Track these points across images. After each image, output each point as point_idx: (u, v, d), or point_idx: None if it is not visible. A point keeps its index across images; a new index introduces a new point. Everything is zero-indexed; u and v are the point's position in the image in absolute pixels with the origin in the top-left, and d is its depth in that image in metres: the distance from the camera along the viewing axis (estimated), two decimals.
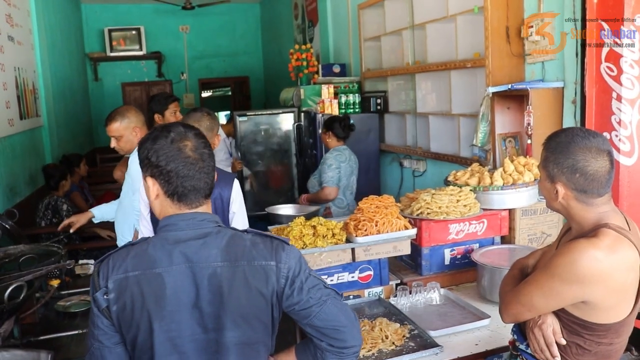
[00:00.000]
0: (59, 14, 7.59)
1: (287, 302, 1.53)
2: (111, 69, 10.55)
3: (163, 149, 1.48)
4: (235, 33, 11.25)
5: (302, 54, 6.33)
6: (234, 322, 1.48)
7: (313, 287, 1.54)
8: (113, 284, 1.45)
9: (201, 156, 1.51)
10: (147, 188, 1.54)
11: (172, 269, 1.45)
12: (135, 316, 1.45)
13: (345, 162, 4.28)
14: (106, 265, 1.47)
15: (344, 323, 1.56)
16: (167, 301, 1.45)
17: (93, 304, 1.48)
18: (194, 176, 1.49)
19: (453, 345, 2.30)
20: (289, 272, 1.52)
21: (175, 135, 1.50)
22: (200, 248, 1.48)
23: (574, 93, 3.13)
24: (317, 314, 1.53)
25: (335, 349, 1.56)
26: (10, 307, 2.20)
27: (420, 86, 4.76)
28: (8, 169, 4.59)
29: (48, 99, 6.20)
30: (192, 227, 1.50)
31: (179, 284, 1.45)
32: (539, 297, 1.66)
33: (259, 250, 1.52)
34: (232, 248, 1.50)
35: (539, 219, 3.08)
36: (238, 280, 1.47)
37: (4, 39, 4.69)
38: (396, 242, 2.72)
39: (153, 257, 1.47)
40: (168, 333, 1.45)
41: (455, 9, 4.02)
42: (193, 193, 1.51)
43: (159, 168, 1.48)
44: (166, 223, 1.51)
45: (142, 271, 1.45)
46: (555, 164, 1.66)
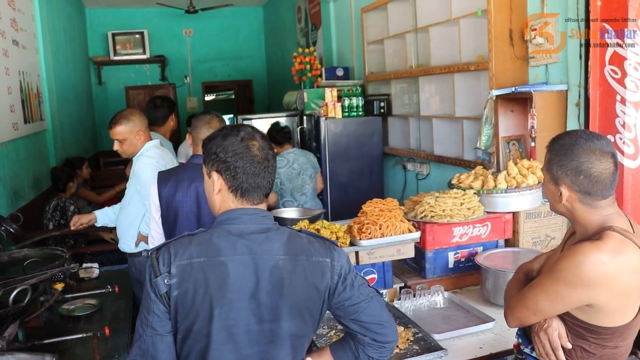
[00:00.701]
0: (63, 18, 7.63)
1: (338, 298, 1.60)
2: (115, 73, 10.58)
3: (233, 145, 1.56)
4: (238, 36, 11.27)
5: (306, 58, 6.34)
6: (290, 314, 1.54)
7: (361, 285, 1.64)
8: (176, 269, 1.48)
9: (267, 156, 1.60)
10: (211, 183, 1.60)
11: (235, 258, 1.51)
12: (197, 302, 1.48)
13: (285, 166, 4.55)
14: (167, 252, 1.50)
15: (386, 319, 1.66)
16: (229, 289, 1.49)
17: (150, 290, 1.49)
18: (259, 174, 1.58)
19: (457, 348, 2.29)
20: (341, 269, 1.60)
21: (245, 134, 1.59)
22: (263, 241, 1.54)
23: (577, 96, 3.13)
24: (365, 309, 1.62)
25: (377, 344, 1.65)
26: (14, 311, 2.20)
27: (424, 89, 4.76)
28: (12, 172, 4.60)
29: (52, 103, 6.22)
30: (255, 222, 1.57)
31: (241, 274, 1.50)
32: (545, 301, 1.65)
33: (316, 247, 1.60)
34: (293, 243, 1.57)
35: (543, 222, 3.07)
36: (298, 273, 1.54)
37: (8, 43, 4.71)
38: (400, 246, 2.72)
39: (218, 245, 1.51)
40: (226, 321, 1.50)
41: (459, 12, 4.02)
42: (256, 190, 1.58)
43: (226, 163, 1.56)
44: (229, 216, 1.58)
45: (207, 258, 1.50)
46: (559, 166, 1.65)
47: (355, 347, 1.68)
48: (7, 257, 2.96)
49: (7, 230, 3.57)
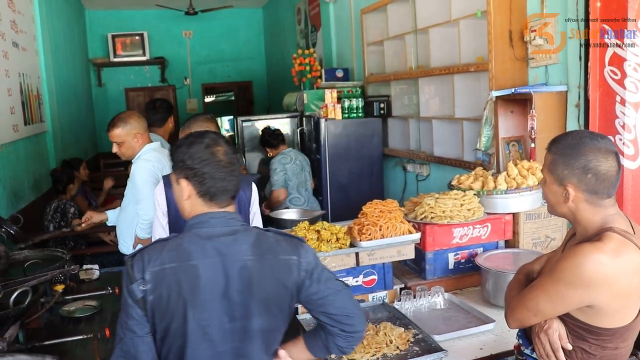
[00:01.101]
0: (63, 20, 7.63)
1: (305, 293, 1.68)
2: (115, 75, 10.59)
3: (198, 152, 1.64)
4: (238, 38, 11.28)
5: (305, 59, 6.35)
6: (260, 310, 1.62)
7: (328, 280, 1.71)
8: (150, 275, 1.55)
9: (231, 160, 1.68)
10: (180, 189, 1.68)
11: (206, 261, 1.58)
12: (171, 305, 1.56)
13: (290, 162, 4.68)
14: (141, 259, 1.57)
15: (354, 310, 1.72)
16: (201, 290, 1.57)
17: (128, 296, 1.57)
18: (225, 178, 1.65)
19: (457, 349, 2.29)
20: (308, 265, 1.68)
21: (209, 141, 1.67)
22: (231, 243, 1.61)
23: (577, 97, 3.13)
24: (332, 302, 1.69)
25: (345, 334, 1.72)
26: (15, 312, 2.21)
27: (423, 90, 4.77)
28: (12, 174, 4.60)
29: (52, 104, 6.23)
30: (223, 225, 1.64)
31: (212, 275, 1.58)
32: (545, 302, 1.65)
33: (283, 246, 1.68)
34: (260, 244, 1.65)
35: (543, 223, 3.07)
36: (266, 272, 1.63)
37: (8, 45, 4.72)
38: (400, 247, 2.72)
39: (188, 250, 1.59)
40: (200, 321, 1.58)
41: (458, 13, 4.02)
42: (223, 194, 1.66)
43: (193, 170, 1.63)
44: (198, 220, 1.65)
45: (179, 263, 1.57)
46: (565, 166, 1.64)
47: (325, 337, 1.75)
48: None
49: (7, 231, 3.57)
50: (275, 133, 4.94)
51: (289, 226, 3.34)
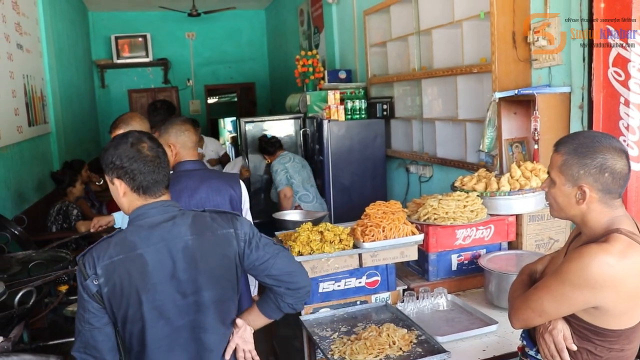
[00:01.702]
0: (67, 22, 7.65)
1: (248, 260, 1.85)
2: (118, 76, 10.61)
3: (125, 152, 1.76)
4: (241, 39, 11.29)
5: (308, 60, 6.35)
6: (208, 283, 1.78)
7: (266, 245, 1.88)
8: (101, 270, 1.68)
9: (157, 154, 1.80)
10: (115, 188, 1.80)
11: (150, 248, 1.72)
12: (125, 293, 1.69)
13: (289, 162, 4.92)
14: (90, 257, 1.70)
15: (294, 269, 1.90)
16: (150, 275, 1.71)
17: (83, 291, 1.69)
18: (154, 171, 1.77)
19: (461, 351, 2.29)
20: (245, 236, 1.85)
21: (133, 139, 1.79)
22: (171, 227, 1.76)
23: (581, 98, 3.13)
24: (274, 264, 1.86)
25: (291, 291, 1.89)
26: (20, 312, 2.22)
27: (427, 92, 4.77)
28: (17, 175, 4.62)
29: (56, 106, 6.24)
30: (161, 213, 1.78)
31: (158, 260, 1.72)
32: (550, 303, 1.65)
33: (219, 222, 1.83)
34: (197, 224, 1.80)
35: (547, 225, 3.07)
36: (206, 248, 1.78)
37: (13, 47, 4.74)
38: (403, 248, 2.72)
39: (133, 241, 1.72)
40: (154, 303, 1.72)
41: (461, 15, 4.03)
42: (155, 185, 1.78)
43: (123, 169, 1.75)
44: (138, 213, 1.78)
45: (126, 254, 1.70)
46: (580, 165, 1.62)
47: (275, 298, 1.91)
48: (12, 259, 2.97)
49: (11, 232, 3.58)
50: (272, 140, 5.15)
51: (292, 227, 3.35)
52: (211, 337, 1.82)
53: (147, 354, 1.75)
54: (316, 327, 2.55)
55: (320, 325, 2.57)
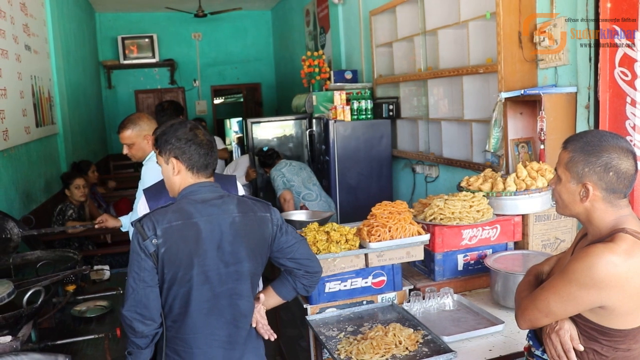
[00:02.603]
0: (74, 23, 7.69)
1: (277, 242, 2.08)
2: (124, 77, 10.66)
3: (185, 134, 1.99)
4: (247, 40, 11.32)
5: (314, 61, 6.36)
6: (248, 256, 1.99)
7: (292, 232, 2.13)
8: (161, 231, 1.86)
9: (210, 139, 2.06)
10: (170, 167, 2.01)
11: (204, 219, 1.92)
12: (180, 255, 1.88)
13: (285, 166, 5.03)
14: (150, 221, 1.88)
15: (312, 255, 2.17)
16: (203, 242, 1.91)
17: (140, 251, 1.86)
18: (208, 153, 2.02)
19: (467, 350, 2.30)
20: (277, 221, 2.08)
21: (191, 125, 2.04)
22: (221, 204, 1.98)
23: (587, 98, 3.12)
24: (298, 249, 2.11)
25: (309, 275, 2.14)
26: (28, 312, 2.23)
27: (432, 92, 4.76)
28: (24, 175, 4.65)
29: (63, 106, 6.28)
30: (211, 192, 2.00)
31: (210, 230, 1.92)
32: (556, 303, 1.65)
33: (258, 206, 2.07)
34: (242, 204, 2.03)
35: (553, 225, 3.07)
36: (250, 225, 2.00)
37: (21, 48, 4.77)
38: (409, 248, 2.73)
39: (189, 211, 1.92)
40: (203, 267, 1.91)
41: (467, 15, 4.02)
42: (207, 167, 2.02)
43: (181, 149, 1.98)
44: (191, 190, 1.99)
45: (183, 221, 1.90)
46: (586, 163, 1.63)
47: (292, 280, 2.15)
48: (20, 259, 2.99)
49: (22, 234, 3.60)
50: (269, 153, 5.33)
51: (298, 227, 3.35)
52: (246, 303, 2.02)
53: (189, 315, 1.92)
54: (322, 327, 2.56)
55: (327, 325, 2.58)
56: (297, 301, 2.87)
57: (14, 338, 2.17)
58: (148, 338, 1.92)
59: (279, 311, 3.79)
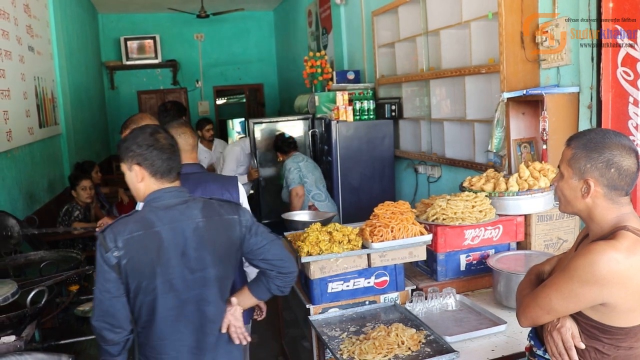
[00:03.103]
0: (77, 24, 7.71)
1: (247, 244, 2.05)
2: (127, 77, 10.68)
3: (145, 140, 1.95)
4: (249, 41, 11.33)
5: (317, 61, 6.36)
6: (214, 262, 1.98)
7: (263, 232, 2.09)
8: (122, 243, 1.85)
9: (172, 143, 2.01)
10: (133, 175, 1.97)
11: (165, 227, 1.91)
12: (142, 265, 1.87)
13: (302, 161, 4.94)
14: (111, 232, 1.87)
15: (286, 256, 2.10)
16: (165, 251, 1.89)
17: (103, 263, 1.86)
18: (170, 157, 1.97)
19: (469, 350, 2.30)
20: (247, 222, 2.06)
21: (151, 130, 1.99)
22: (185, 210, 1.96)
23: (589, 98, 3.12)
24: (269, 250, 2.06)
25: (282, 275, 2.09)
26: (32, 312, 2.24)
27: (435, 92, 4.77)
28: (28, 176, 4.66)
29: (66, 107, 6.29)
30: (175, 197, 1.97)
31: (172, 237, 1.91)
32: (558, 300, 1.66)
33: (225, 209, 2.04)
34: (207, 208, 2.00)
35: (555, 225, 3.07)
36: (214, 229, 1.98)
37: (24, 49, 4.78)
38: (412, 248, 2.73)
39: (151, 220, 1.91)
40: (166, 276, 1.90)
41: (469, 15, 4.02)
42: (171, 171, 1.98)
43: (143, 155, 1.94)
44: (154, 196, 1.96)
45: (144, 231, 1.88)
46: (588, 159, 1.65)
47: (266, 281, 2.11)
48: (23, 259, 3.01)
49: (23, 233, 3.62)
50: (289, 140, 5.16)
51: (300, 228, 3.36)
52: (213, 309, 2.01)
53: (155, 323, 1.93)
54: (325, 327, 2.56)
55: (329, 325, 2.58)
56: (299, 301, 2.88)
57: (18, 338, 2.18)
58: (120, 345, 1.95)
59: (281, 312, 3.80)
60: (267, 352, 4.10)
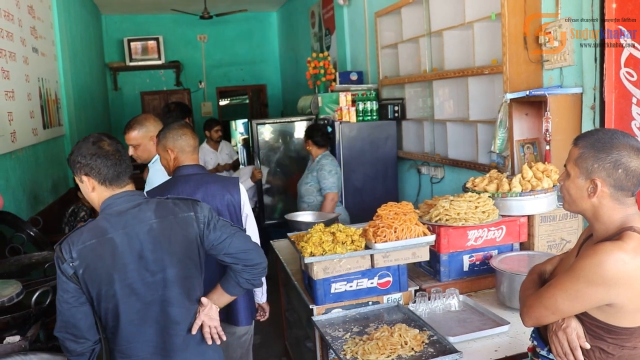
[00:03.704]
0: (80, 25, 7.73)
1: (207, 240, 2.05)
2: (130, 79, 10.70)
3: (88, 150, 1.95)
4: (252, 42, 11.35)
5: (320, 62, 6.37)
6: (172, 262, 1.98)
7: (223, 226, 2.08)
8: (76, 253, 1.87)
9: (117, 148, 1.99)
10: (85, 186, 1.99)
11: (119, 232, 1.92)
12: (99, 272, 1.89)
13: (339, 166, 4.80)
14: (67, 244, 1.89)
15: (250, 247, 2.10)
16: (120, 256, 1.91)
17: (61, 274, 1.88)
18: (116, 163, 1.96)
19: (472, 351, 2.30)
20: (204, 218, 2.05)
21: (93, 139, 1.98)
22: (137, 213, 1.97)
23: (592, 99, 3.12)
24: (231, 243, 2.06)
25: (248, 268, 2.08)
26: (36, 312, 2.25)
27: (438, 93, 4.77)
28: (32, 177, 4.68)
29: (70, 108, 6.31)
30: (127, 201, 1.98)
31: (126, 242, 1.92)
32: (564, 300, 1.66)
33: (180, 207, 2.04)
34: (161, 209, 2.01)
35: (558, 225, 3.07)
36: (169, 229, 1.98)
37: (28, 50, 4.80)
38: (415, 249, 2.74)
39: (103, 227, 1.92)
40: (125, 281, 1.92)
41: (473, 16, 4.03)
42: (119, 176, 1.97)
43: (89, 165, 1.94)
44: (107, 203, 1.97)
45: (97, 239, 1.90)
46: (595, 159, 1.65)
47: (234, 275, 2.11)
48: (28, 259, 3.02)
49: (27, 233, 3.63)
50: (328, 135, 4.92)
51: (303, 228, 3.37)
52: (177, 310, 2.00)
53: (121, 327, 1.94)
54: (328, 328, 2.57)
55: (333, 326, 2.59)
56: (303, 302, 2.88)
57: (23, 338, 2.18)
58: (84, 356, 1.96)
59: (284, 312, 3.81)
60: (270, 353, 4.11)
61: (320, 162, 4.69)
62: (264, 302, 3.00)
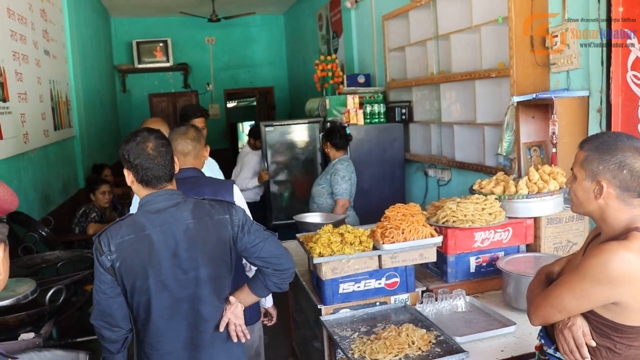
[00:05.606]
0: (90, 28, 7.81)
1: (240, 243, 2.09)
2: (139, 81, 10.78)
3: (132, 149, 2.01)
4: (260, 44, 11.40)
5: (328, 65, 6.40)
6: (205, 262, 2.03)
7: (257, 230, 2.13)
8: (115, 247, 1.95)
9: (159, 153, 2.02)
10: (126, 176, 2.06)
11: (156, 229, 1.98)
12: (134, 267, 1.96)
13: (353, 172, 4.62)
14: (105, 236, 1.97)
15: (281, 252, 2.13)
16: (155, 253, 1.97)
17: (99, 266, 1.97)
18: (154, 168, 2.00)
19: (479, 351, 2.32)
20: (239, 221, 2.09)
21: (140, 139, 2.02)
22: (175, 212, 2.02)
23: (599, 102, 3.13)
24: (263, 247, 2.09)
25: (278, 272, 2.12)
26: (50, 310, 2.29)
27: (445, 96, 4.79)
28: (43, 177, 4.73)
29: (80, 110, 6.38)
30: (166, 200, 2.03)
31: (163, 240, 1.99)
32: (570, 299, 1.68)
33: (217, 209, 2.09)
34: (198, 209, 2.06)
35: (565, 228, 3.08)
36: (205, 230, 2.03)
37: (40, 53, 4.86)
38: (422, 250, 2.76)
39: (142, 223, 1.99)
40: (159, 277, 1.98)
41: (480, 20, 4.05)
42: (155, 180, 2.02)
43: (130, 162, 2.01)
44: (146, 200, 2.03)
45: (136, 234, 1.97)
46: (600, 161, 1.67)
47: (263, 278, 2.14)
48: (40, 259, 3.06)
49: (39, 233, 3.68)
50: (347, 138, 4.76)
51: (312, 229, 3.39)
52: (207, 308, 2.07)
53: (151, 321, 2.02)
54: (336, 327, 2.59)
55: (341, 326, 2.61)
56: (311, 302, 2.91)
57: (37, 335, 2.23)
58: (118, 343, 2.06)
59: (292, 313, 3.83)
60: (278, 353, 4.13)
61: (335, 166, 4.57)
62: (270, 307, 2.98)
